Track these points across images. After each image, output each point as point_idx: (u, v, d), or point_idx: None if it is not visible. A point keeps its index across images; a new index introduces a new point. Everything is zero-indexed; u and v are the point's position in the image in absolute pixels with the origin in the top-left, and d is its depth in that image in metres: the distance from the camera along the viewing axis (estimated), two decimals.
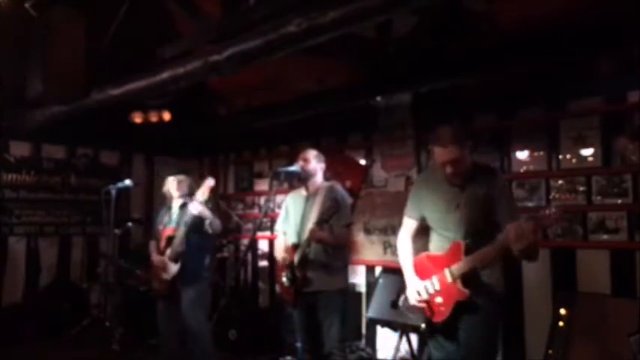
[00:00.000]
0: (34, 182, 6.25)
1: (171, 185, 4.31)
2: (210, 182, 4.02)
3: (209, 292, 4.28)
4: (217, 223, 4.14)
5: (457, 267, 2.67)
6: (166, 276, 4.12)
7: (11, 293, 5.93)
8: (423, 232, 3.03)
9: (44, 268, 6.24)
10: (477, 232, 2.69)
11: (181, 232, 4.07)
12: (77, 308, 5.84)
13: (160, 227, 4.36)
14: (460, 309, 2.68)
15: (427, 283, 2.77)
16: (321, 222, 3.49)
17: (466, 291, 2.65)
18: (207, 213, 4.04)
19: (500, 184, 2.74)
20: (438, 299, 2.75)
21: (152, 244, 4.42)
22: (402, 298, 2.96)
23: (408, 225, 3.02)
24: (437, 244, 2.86)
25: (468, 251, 2.67)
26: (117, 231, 5.10)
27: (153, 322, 4.34)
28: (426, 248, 2.95)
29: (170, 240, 4.16)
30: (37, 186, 6.27)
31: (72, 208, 6.51)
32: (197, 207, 3.98)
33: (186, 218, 4.08)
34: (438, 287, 2.74)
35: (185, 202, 4.24)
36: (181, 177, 4.31)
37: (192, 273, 4.14)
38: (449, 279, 2.69)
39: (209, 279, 4.33)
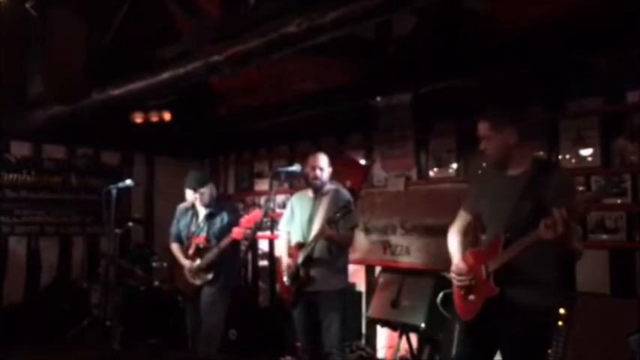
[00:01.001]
0: (34, 182, 6.26)
1: (194, 198, 4.39)
2: (256, 216, 4.10)
3: (227, 298, 4.40)
4: (251, 236, 4.31)
5: (492, 262, 2.56)
6: (198, 282, 4.31)
7: (12, 293, 5.95)
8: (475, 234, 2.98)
9: (45, 268, 6.25)
10: (523, 226, 2.48)
11: (216, 249, 4.21)
12: (77, 308, 5.84)
13: (184, 231, 4.50)
14: (492, 310, 2.55)
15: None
16: (332, 221, 3.50)
17: (496, 288, 2.52)
18: (248, 236, 4.21)
19: (557, 181, 2.57)
20: (471, 296, 2.65)
21: (176, 248, 4.55)
22: (440, 296, 2.91)
23: (461, 218, 2.94)
24: (486, 240, 2.76)
25: (506, 245, 2.53)
26: (117, 231, 5.10)
27: (153, 321, 4.38)
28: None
29: (199, 249, 4.33)
30: (37, 186, 6.28)
31: (72, 208, 6.51)
32: (241, 233, 4.10)
33: (217, 231, 4.28)
34: (474, 284, 2.64)
35: (211, 211, 4.40)
36: (203, 190, 4.36)
37: (221, 282, 4.30)
38: (484, 275, 2.58)
39: (232, 284, 4.52)
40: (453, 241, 2.91)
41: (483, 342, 2.67)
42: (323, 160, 3.83)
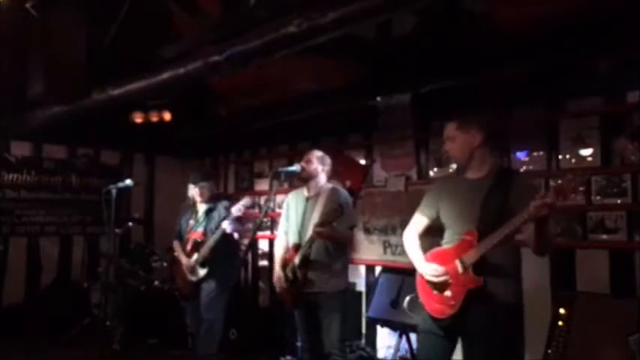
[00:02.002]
0: (34, 182, 6.27)
1: (195, 192, 4.49)
2: (246, 202, 4.21)
3: (227, 296, 4.43)
4: (247, 233, 4.42)
5: (469, 255, 2.59)
6: (193, 278, 4.35)
7: (12, 293, 5.95)
8: (431, 234, 3.01)
9: (45, 268, 6.26)
10: (493, 222, 2.58)
11: (211, 241, 4.25)
12: (78, 308, 5.84)
13: (185, 228, 4.57)
14: (473, 301, 2.58)
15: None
16: (324, 224, 3.49)
17: (479, 278, 2.56)
18: (239, 230, 4.31)
19: (521, 187, 2.67)
20: (447, 293, 2.67)
21: (177, 245, 4.61)
22: (407, 299, 2.94)
23: (418, 222, 3.01)
24: (450, 239, 2.80)
25: (480, 239, 2.58)
26: (117, 231, 5.11)
27: (153, 321, 4.39)
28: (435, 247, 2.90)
29: (197, 244, 4.37)
30: (37, 186, 6.29)
31: (72, 208, 6.52)
32: (230, 224, 4.16)
33: (214, 226, 4.30)
34: (449, 281, 2.66)
35: (210, 207, 4.45)
36: (203, 184, 4.47)
37: (219, 278, 4.33)
38: (460, 269, 2.61)
39: (232, 284, 4.52)
40: (413, 244, 2.98)
41: (450, 337, 2.73)
42: (313, 154, 3.80)
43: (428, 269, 2.78)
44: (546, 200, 2.34)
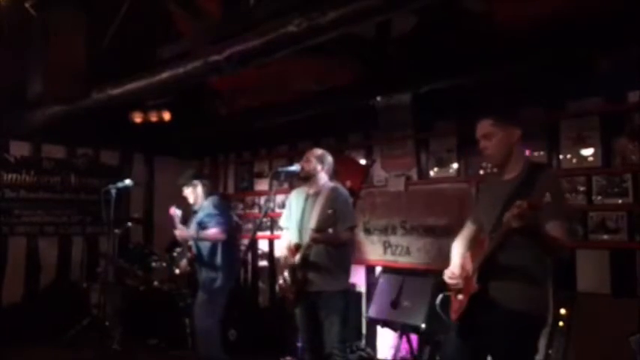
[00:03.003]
0: (34, 182, 6.25)
1: (187, 194, 4.53)
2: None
3: (223, 298, 4.38)
4: (210, 235, 4.32)
5: (477, 260, 2.56)
6: (177, 271, 4.56)
7: (11, 293, 5.94)
8: None
9: (44, 268, 6.24)
10: None
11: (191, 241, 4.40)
12: (77, 308, 5.83)
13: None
14: (476, 307, 2.53)
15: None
16: (320, 230, 3.47)
17: (476, 285, 2.51)
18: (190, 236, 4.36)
19: (544, 181, 2.49)
20: (460, 296, 2.64)
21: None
22: (439, 298, 2.90)
23: (466, 228, 2.90)
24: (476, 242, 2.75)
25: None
26: (117, 231, 5.11)
27: (153, 321, 4.39)
28: None
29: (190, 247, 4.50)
30: (37, 186, 6.27)
31: (72, 208, 6.50)
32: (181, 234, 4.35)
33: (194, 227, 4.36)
34: (464, 284, 2.64)
35: (196, 209, 4.49)
36: (190, 186, 4.50)
37: (206, 278, 4.35)
38: (471, 273, 2.58)
39: (226, 286, 4.40)
40: (456, 249, 2.87)
41: (474, 345, 2.61)
42: (313, 153, 3.79)
43: (446, 272, 2.73)
44: (513, 212, 2.24)
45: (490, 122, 2.64)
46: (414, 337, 4.51)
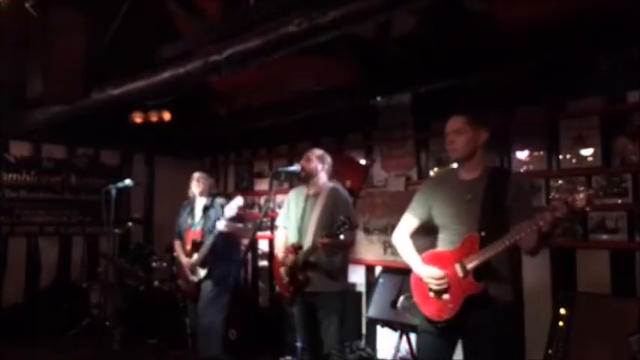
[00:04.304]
0: (34, 182, 6.25)
1: (192, 182, 4.54)
2: (239, 201, 4.18)
3: (229, 295, 4.44)
4: (243, 232, 4.41)
5: (470, 260, 2.55)
6: (195, 278, 4.37)
7: (12, 293, 5.94)
8: (423, 234, 2.98)
9: (44, 268, 6.25)
10: (492, 226, 2.55)
11: (209, 241, 4.26)
12: (77, 308, 5.84)
13: (183, 226, 4.59)
14: (472, 306, 2.56)
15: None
16: (329, 236, 3.40)
17: (480, 284, 2.53)
18: (235, 230, 4.29)
19: (517, 187, 2.65)
20: (445, 297, 2.63)
21: (178, 245, 4.64)
22: (401, 299, 2.91)
23: (408, 222, 2.94)
24: (447, 240, 2.74)
25: (483, 243, 2.54)
26: (117, 231, 5.10)
27: (153, 321, 4.38)
28: (429, 249, 2.85)
29: (196, 244, 4.38)
30: (37, 186, 6.27)
31: (72, 208, 6.51)
32: (224, 224, 4.16)
33: (212, 225, 4.30)
34: (449, 284, 2.62)
35: (207, 205, 4.48)
36: (199, 174, 4.56)
37: (217, 278, 4.34)
38: (460, 273, 2.58)
39: (232, 284, 4.52)
40: (406, 245, 2.91)
41: (449, 338, 2.70)
42: (313, 153, 3.78)
43: (428, 273, 2.70)
44: (557, 214, 2.32)
45: (463, 120, 2.74)
46: (413, 337, 4.51)
